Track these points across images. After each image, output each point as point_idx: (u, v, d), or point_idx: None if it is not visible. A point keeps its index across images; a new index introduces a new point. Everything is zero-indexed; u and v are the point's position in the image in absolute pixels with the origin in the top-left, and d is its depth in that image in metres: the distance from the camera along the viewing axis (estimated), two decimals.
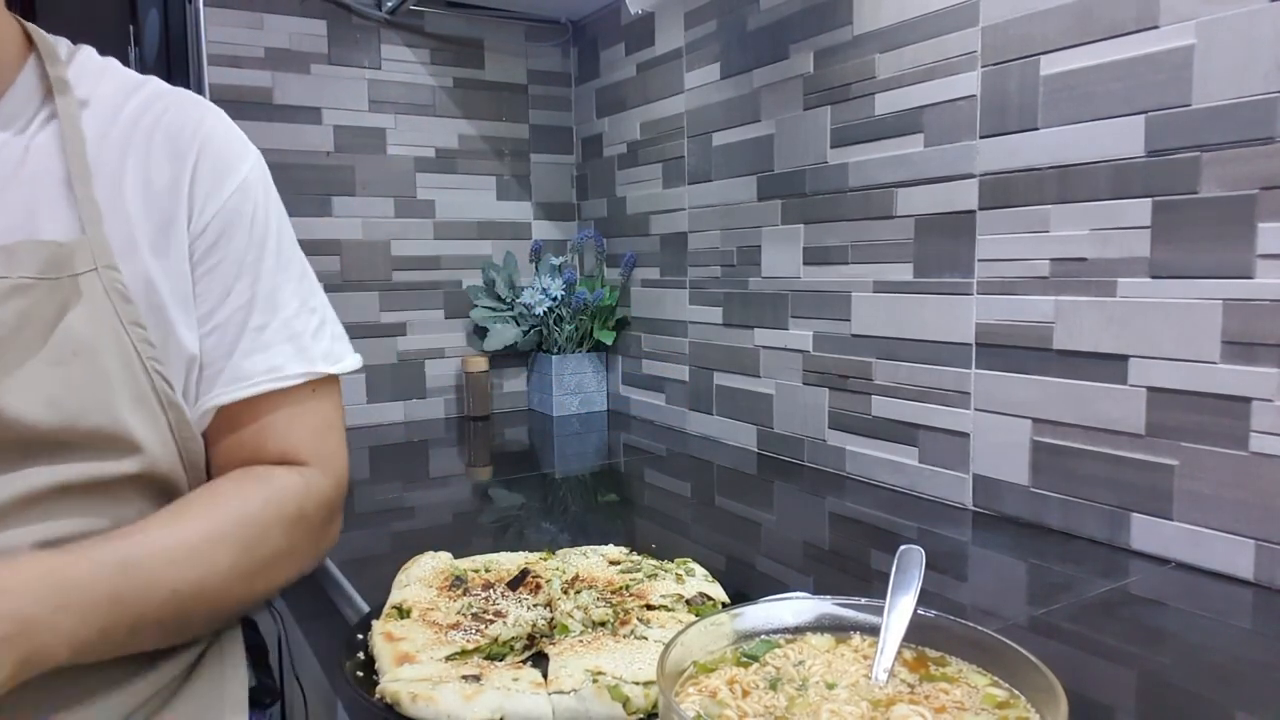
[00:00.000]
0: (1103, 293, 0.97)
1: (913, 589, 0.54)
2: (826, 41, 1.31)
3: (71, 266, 0.57)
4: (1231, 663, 0.73)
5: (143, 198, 0.61)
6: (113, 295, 0.58)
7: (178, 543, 0.56)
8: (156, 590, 0.54)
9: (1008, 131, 1.05)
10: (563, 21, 1.97)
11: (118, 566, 0.52)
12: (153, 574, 0.54)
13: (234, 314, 0.64)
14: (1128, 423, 0.96)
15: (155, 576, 0.54)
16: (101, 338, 0.57)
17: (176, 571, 0.55)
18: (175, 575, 0.55)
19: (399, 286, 1.85)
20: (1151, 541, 0.95)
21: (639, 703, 0.57)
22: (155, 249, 0.61)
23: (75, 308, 0.57)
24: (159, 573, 0.54)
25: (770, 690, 0.49)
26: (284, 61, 1.69)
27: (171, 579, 0.54)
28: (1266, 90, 0.82)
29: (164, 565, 0.54)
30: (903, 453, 1.24)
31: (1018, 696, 0.47)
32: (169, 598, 0.54)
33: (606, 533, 0.97)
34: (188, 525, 0.58)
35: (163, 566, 0.54)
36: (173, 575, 0.55)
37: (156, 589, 0.54)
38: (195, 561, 0.56)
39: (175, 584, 0.55)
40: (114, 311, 0.58)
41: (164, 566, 0.54)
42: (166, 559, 0.55)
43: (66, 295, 0.56)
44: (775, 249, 1.45)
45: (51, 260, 0.56)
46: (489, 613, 0.71)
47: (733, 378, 1.57)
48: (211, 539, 0.57)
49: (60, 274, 0.56)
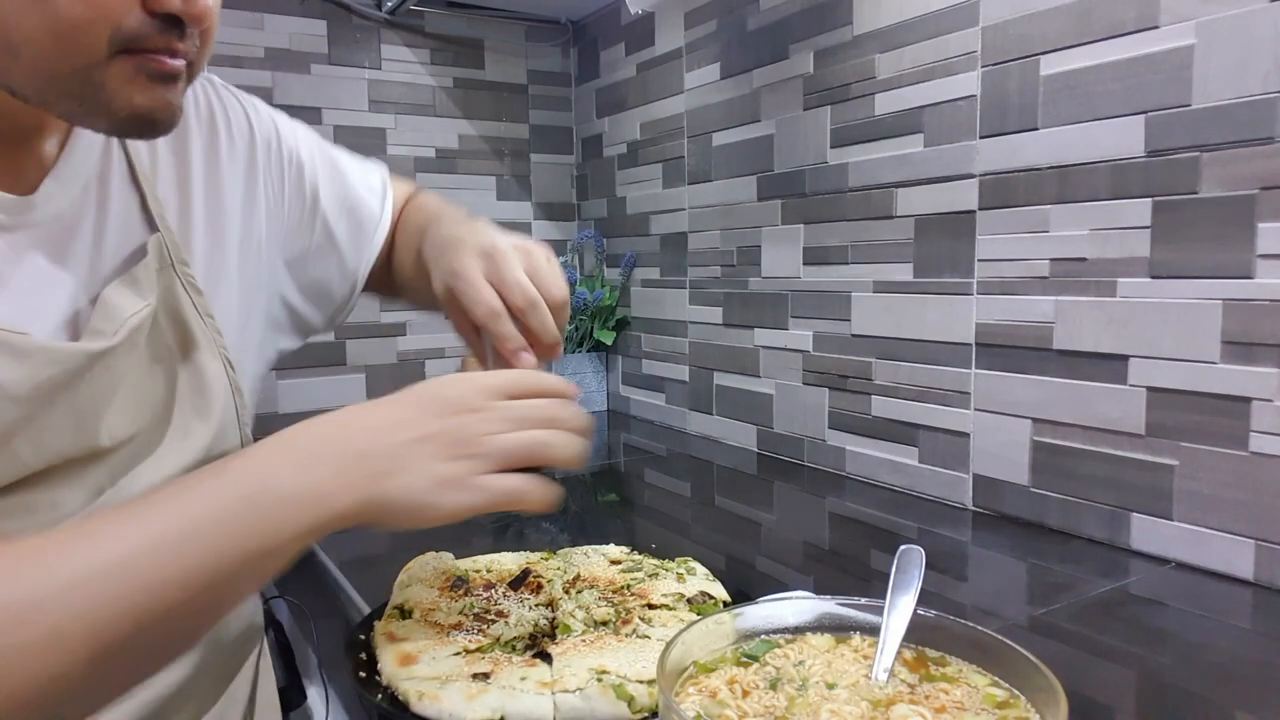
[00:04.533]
0: (1103, 293, 0.97)
1: (913, 589, 0.54)
2: (826, 41, 1.31)
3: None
4: (1231, 663, 0.73)
5: (205, 195, 0.62)
6: (189, 290, 0.59)
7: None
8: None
9: (1008, 131, 1.05)
10: (563, 21, 1.97)
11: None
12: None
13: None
14: (1128, 423, 0.96)
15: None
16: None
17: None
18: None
19: None
20: (1151, 541, 0.95)
21: (643, 701, 0.57)
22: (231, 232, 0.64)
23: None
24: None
25: (770, 690, 0.49)
26: (284, 61, 1.69)
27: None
28: (1266, 90, 0.82)
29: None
30: (903, 453, 1.24)
31: (1018, 696, 0.47)
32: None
33: (607, 532, 0.97)
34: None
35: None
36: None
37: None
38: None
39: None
40: (191, 304, 0.58)
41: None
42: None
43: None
44: (775, 249, 1.45)
45: (156, 271, 0.57)
46: (491, 613, 0.71)
47: (733, 378, 1.57)
48: None
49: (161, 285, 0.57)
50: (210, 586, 0.45)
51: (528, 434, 0.54)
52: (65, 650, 0.40)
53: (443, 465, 0.51)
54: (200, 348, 0.58)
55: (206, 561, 0.44)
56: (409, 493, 0.50)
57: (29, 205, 0.51)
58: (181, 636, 0.47)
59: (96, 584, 0.41)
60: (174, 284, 0.57)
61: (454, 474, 0.52)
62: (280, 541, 0.47)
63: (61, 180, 0.52)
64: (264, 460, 0.49)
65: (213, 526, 0.45)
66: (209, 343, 0.59)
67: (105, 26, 0.43)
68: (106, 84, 0.45)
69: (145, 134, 0.50)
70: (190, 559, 0.44)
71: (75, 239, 0.53)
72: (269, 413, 1.72)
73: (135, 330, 0.53)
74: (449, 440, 0.52)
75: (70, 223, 0.53)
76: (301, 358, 1.75)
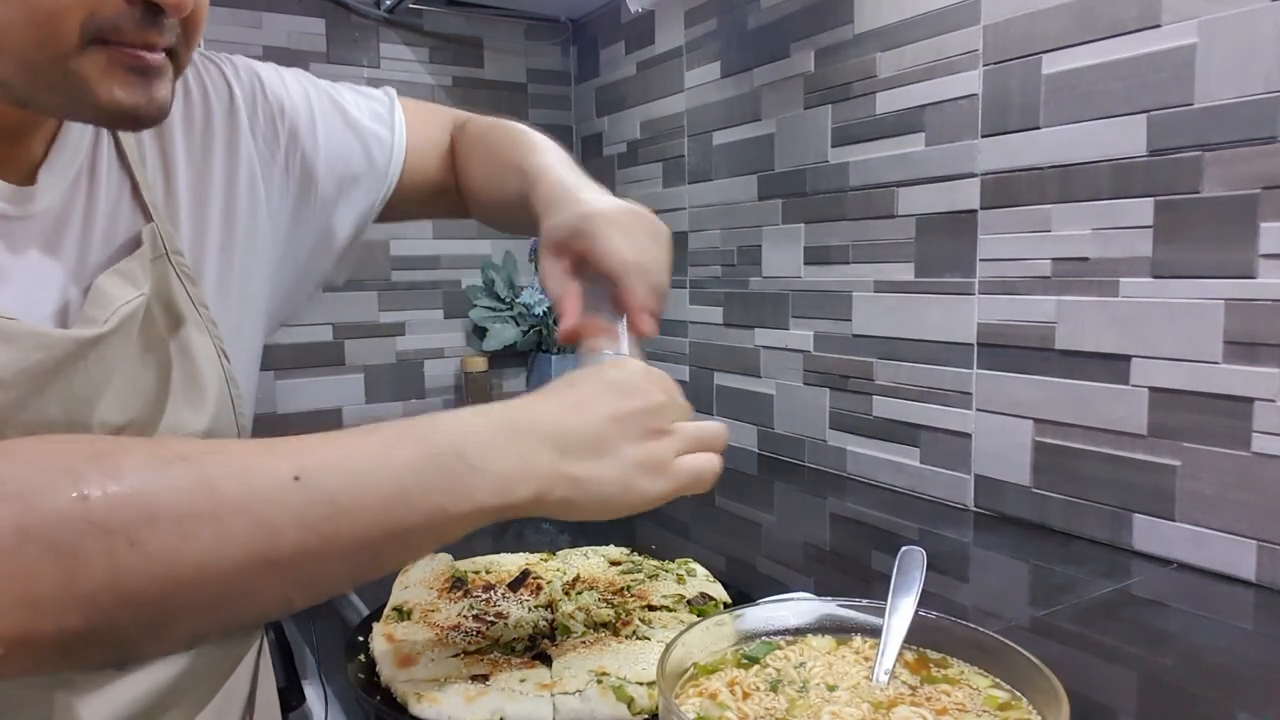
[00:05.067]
0: (1104, 293, 0.97)
1: (914, 590, 0.54)
2: (827, 40, 1.31)
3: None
4: (1233, 663, 0.73)
5: (191, 178, 0.61)
6: (184, 279, 0.58)
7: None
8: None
9: (1009, 131, 1.05)
10: (562, 20, 1.96)
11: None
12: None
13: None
14: (1130, 423, 0.95)
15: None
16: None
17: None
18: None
19: (398, 286, 1.85)
20: (1153, 542, 0.94)
21: (643, 703, 0.57)
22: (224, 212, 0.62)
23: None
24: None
25: (771, 692, 0.49)
26: (282, 60, 1.66)
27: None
28: (1268, 89, 0.82)
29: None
30: (904, 453, 1.24)
31: (1019, 698, 0.47)
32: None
33: (607, 533, 0.96)
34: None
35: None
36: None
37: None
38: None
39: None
40: (186, 294, 0.58)
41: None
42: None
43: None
44: (776, 248, 1.45)
45: (149, 261, 0.56)
46: (490, 614, 0.71)
47: (733, 378, 1.57)
48: None
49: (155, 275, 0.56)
50: (386, 529, 0.44)
51: (698, 423, 0.55)
52: (234, 534, 0.39)
53: (638, 448, 0.51)
54: (194, 338, 0.58)
55: (386, 499, 0.43)
56: (604, 482, 0.50)
57: (29, 195, 0.51)
58: (332, 578, 0.45)
59: (278, 484, 0.41)
60: (168, 273, 0.57)
61: (650, 455, 0.51)
62: (459, 512, 0.46)
63: (54, 171, 0.52)
64: (462, 424, 0.48)
65: (392, 472, 0.44)
66: (203, 333, 0.59)
67: (79, 13, 0.43)
68: (83, 74, 0.44)
69: (131, 126, 0.50)
70: (372, 490, 0.43)
71: (66, 229, 0.53)
72: (268, 413, 1.72)
73: (128, 319, 0.52)
74: (642, 421, 0.51)
75: (62, 213, 0.53)
76: (300, 358, 1.75)
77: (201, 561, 0.39)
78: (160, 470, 0.39)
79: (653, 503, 0.51)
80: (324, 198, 0.71)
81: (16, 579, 0.35)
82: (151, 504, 0.38)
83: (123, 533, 0.37)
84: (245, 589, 0.41)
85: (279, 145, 0.67)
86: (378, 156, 0.74)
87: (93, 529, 0.36)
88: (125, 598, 0.37)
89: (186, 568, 0.38)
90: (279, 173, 0.67)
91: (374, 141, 0.74)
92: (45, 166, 0.52)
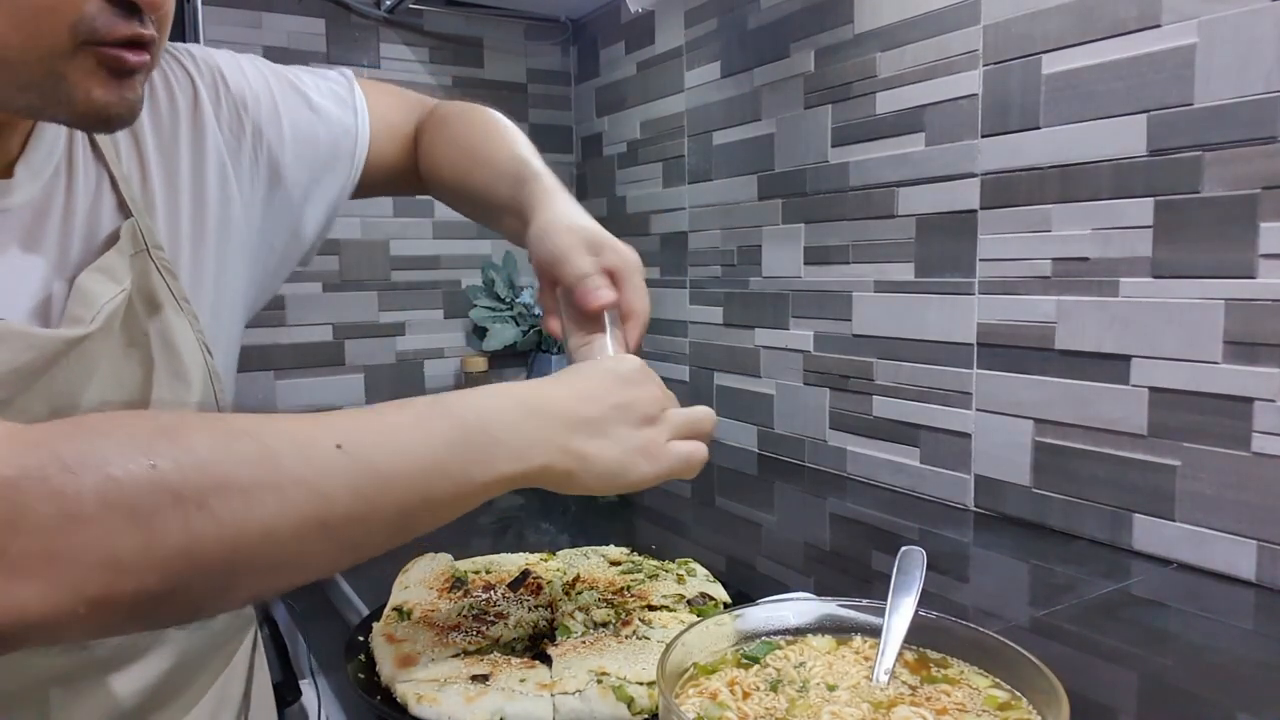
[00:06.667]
0: (1105, 293, 0.97)
1: (914, 590, 0.54)
2: (827, 40, 1.31)
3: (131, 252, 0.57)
4: (1233, 663, 0.73)
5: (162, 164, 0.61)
6: (164, 273, 0.58)
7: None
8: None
9: (1009, 131, 1.05)
10: (562, 20, 1.96)
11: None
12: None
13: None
14: (1130, 423, 0.95)
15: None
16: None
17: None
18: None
19: (398, 286, 1.85)
20: (1153, 542, 0.94)
21: (643, 703, 0.57)
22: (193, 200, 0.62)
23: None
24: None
25: (771, 692, 0.49)
26: (283, 60, 1.65)
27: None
28: (1268, 89, 0.82)
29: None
30: (904, 453, 1.24)
31: (1019, 698, 0.47)
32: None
33: (607, 533, 0.96)
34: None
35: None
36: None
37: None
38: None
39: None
40: (167, 288, 0.58)
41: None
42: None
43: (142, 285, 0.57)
44: (776, 248, 1.45)
45: (130, 256, 0.56)
46: (490, 614, 0.71)
47: (733, 378, 1.57)
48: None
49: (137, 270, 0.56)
50: (423, 495, 0.47)
51: (687, 409, 0.60)
52: (293, 501, 0.42)
53: (636, 433, 0.55)
54: (177, 331, 0.58)
55: (424, 468, 0.46)
56: (606, 460, 0.54)
57: (6, 190, 0.51)
58: (376, 540, 0.48)
59: (328, 455, 0.44)
60: (149, 268, 0.57)
61: (646, 440, 0.56)
62: (485, 479, 0.49)
63: (31, 166, 0.53)
64: (484, 401, 0.51)
65: (427, 446, 0.47)
66: (185, 326, 0.59)
67: (67, 15, 0.43)
68: (68, 76, 0.45)
69: (104, 128, 0.50)
70: (410, 460, 0.46)
71: (46, 223, 0.53)
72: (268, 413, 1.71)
73: (111, 315, 0.53)
74: (640, 408, 0.56)
75: (41, 207, 0.53)
76: (300, 358, 1.75)
77: (266, 527, 0.41)
78: (227, 443, 0.41)
79: (646, 483, 0.56)
80: (294, 185, 0.71)
81: (99, 543, 0.36)
82: (221, 474, 0.40)
83: (195, 500, 0.39)
84: (302, 552, 0.44)
85: (245, 135, 0.67)
86: (343, 142, 0.74)
87: (169, 496, 0.38)
88: (197, 561, 0.39)
89: (252, 533, 0.40)
90: (247, 163, 0.67)
91: (339, 127, 0.74)
92: (22, 162, 0.52)
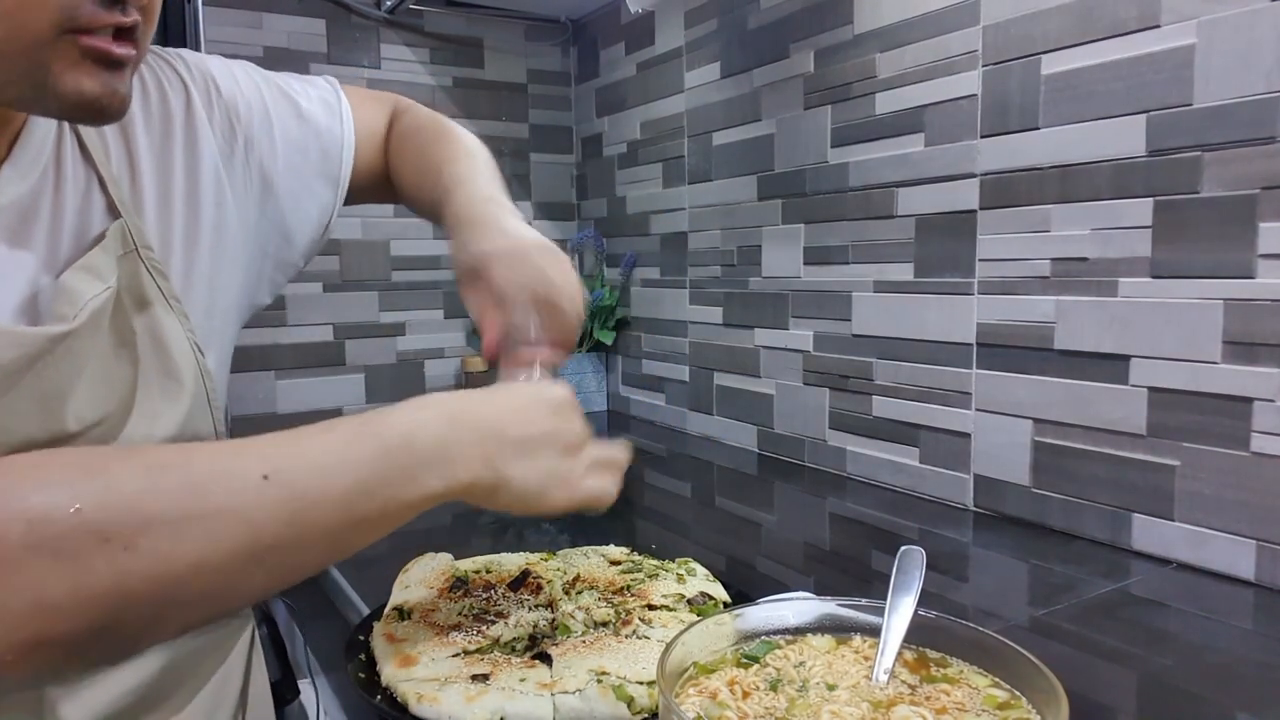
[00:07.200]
0: (1104, 293, 0.97)
1: (914, 590, 0.54)
2: (827, 41, 1.31)
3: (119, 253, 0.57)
4: (1233, 663, 0.73)
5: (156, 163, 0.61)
6: (154, 274, 0.58)
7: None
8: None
9: (1009, 131, 1.05)
10: (562, 20, 1.96)
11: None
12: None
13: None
14: (1129, 423, 0.95)
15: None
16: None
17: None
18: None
19: (398, 286, 1.85)
20: (1153, 542, 0.94)
21: (643, 702, 0.57)
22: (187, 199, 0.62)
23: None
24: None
25: (771, 691, 0.49)
26: (283, 61, 1.69)
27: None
28: (1268, 89, 0.82)
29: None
30: (903, 453, 1.24)
31: (1019, 698, 0.47)
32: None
33: (607, 533, 0.96)
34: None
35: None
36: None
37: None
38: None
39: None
40: (157, 288, 0.58)
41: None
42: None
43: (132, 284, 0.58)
44: (775, 249, 1.45)
45: (118, 256, 0.56)
46: (490, 614, 0.71)
47: (733, 378, 1.57)
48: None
49: (124, 269, 0.56)
50: (350, 517, 0.48)
51: (604, 445, 0.61)
52: (221, 533, 0.42)
53: (559, 461, 0.56)
54: (167, 331, 0.58)
55: (349, 493, 0.47)
56: (527, 482, 0.55)
57: None
58: (306, 563, 0.49)
59: (254, 486, 0.44)
60: (139, 268, 0.57)
61: (567, 470, 0.57)
62: (410, 499, 0.50)
63: (19, 165, 0.53)
64: (408, 418, 0.52)
65: (351, 468, 0.48)
66: (176, 326, 0.59)
67: (49, 5, 0.43)
68: (53, 66, 0.45)
69: (93, 120, 0.51)
70: (336, 485, 0.47)
71: (34, 222, 0.53)
72: (268, 413, 1.72)
73: (97, 313, 0.53)
74: (565, 437, 0.57)
75: (28, 206, 0.53)
76: (301, 358, 1.75)
77: (195, 559, 0.42)
78: (153, 478, 0.42)
79: (557, 511, 0.57)
80: (285, 191, 0.72)
81: (28, 589, 0.37)
82: (148, 510, 0.41)
83: (121, 539, 0.39)
84: (232, 581, 0.45)
85: (237, 141, 0.68)
86: (332, 149, 0.75)
87: (95, 537, 0.39)
88: (127, 598, 0.40)
89: (181, 566, 0.41)
90: (239, 167, 0.68)
91: (328, 134, 0.75)
92: (8, 163, 0.52)
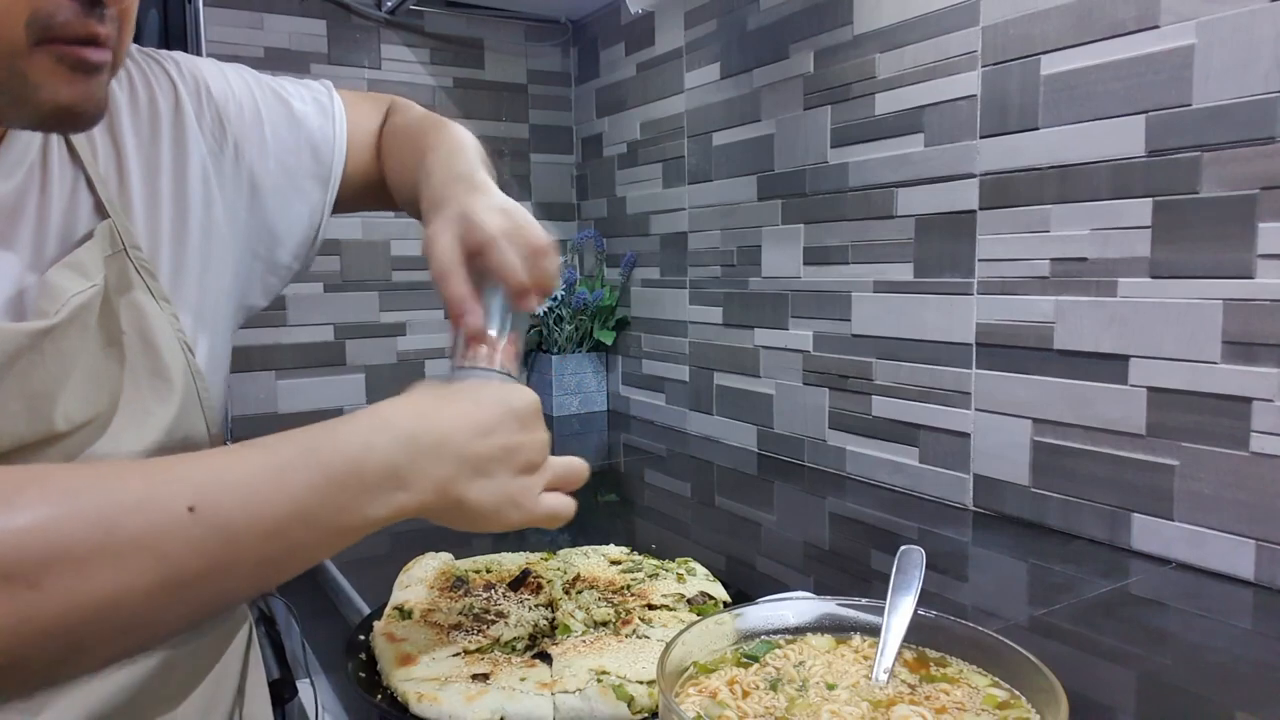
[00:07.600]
0: (1103, 293, 0.97)
1: (913, 589, 0.54)
2: (827, 41, 1.31)
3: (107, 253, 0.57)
4: (1232, 663, 0.73)
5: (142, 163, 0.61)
6: (143, 273, 0.58)
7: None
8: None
9: (1008, 131, 1.05)
10: (563, 21, 1.97)
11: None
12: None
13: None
14: (1128, 423, 0.96)
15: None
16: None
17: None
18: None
19: (399, 286, 1.85)
20: (1152, 542, 0.95)
21: (643, 702, 0.57)
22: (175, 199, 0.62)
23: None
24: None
25: (771, 691, 0.49)
26: (284, 61, 1.69)
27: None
28: (1267, 90, 0.82)
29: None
30: (903, 453, 1.24)
31: (1018, 697, 0.47)
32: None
33: (607, 533, 0.97)
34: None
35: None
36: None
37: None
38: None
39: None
40: (146, 288, 0.58)
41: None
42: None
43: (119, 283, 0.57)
44: (775, 249, 1.45)
45: (106, 256, 0.56)
46: (490, 613, 0.71)
47: (733, 378, 1.57)
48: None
49: (110, 269, 0.56)
50: (285, 547, 0.46)
51: (564, 459, 0.59)
52: (135, 569, 0.40)
53: (515, 479, 0.55)
54: (156, 331, 0.58)
55: (283, 522, 0.45)
56: (482, 503, 0.53)
57: None
58: (239, 591, 0.47)
59: (174, 518, 0.42)
60: (127, 268, 0.57)
61: (522, 488, 0.55)
62: (353, 525, 0.49)
63: (4, 164, 0.53)
64: (358, 440, 0.50)
65: (287, 497, 0.46)
66: (164, 326, 0.59)
67: (20, 12, 0.43)
68: (29, 75, 0.44)
69: (70, 128, 0.50)
70: (269, 515, 0.45)
71: (19, 222, 0.53)
72: (268, 413, 1.72)
73: (83, 310, 0.53)
74: (526, 454, 0.55)
75: (14, 205, 0.53)
76: (301, 358, 1.75)
77: (105, 597, 0.40)
78: (66, 507, 0.40)
79: (509, 530, 0.56)
80: (274, 192, 0.71)
81: None
82: (54, 546, 0.39)
83: (25, 578, 0.38)
84: (153, 614, 0.43)
85: (227, 141, 0.67)
86: (324, 150, 0.74)
87: None
88: (32, 636, 0.38)
89: (89, 605, 0.39)
90: (229, 168, 0.67)
91: (320, 136, 0.74)
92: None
